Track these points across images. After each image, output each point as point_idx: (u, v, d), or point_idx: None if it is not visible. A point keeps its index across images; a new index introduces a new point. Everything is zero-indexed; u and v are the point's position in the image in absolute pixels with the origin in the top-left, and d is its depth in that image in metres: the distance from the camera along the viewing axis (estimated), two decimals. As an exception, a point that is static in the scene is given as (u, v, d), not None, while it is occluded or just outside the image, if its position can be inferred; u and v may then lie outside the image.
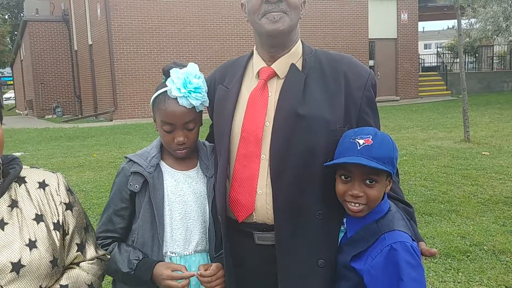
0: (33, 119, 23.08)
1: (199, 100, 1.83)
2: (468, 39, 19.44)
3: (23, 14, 28.60)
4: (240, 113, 1.78)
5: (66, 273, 1.49)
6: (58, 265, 1.43)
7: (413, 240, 1.60)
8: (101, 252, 1.64)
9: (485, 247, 4.48)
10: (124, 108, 17.57)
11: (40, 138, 13.61)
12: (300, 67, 1.76)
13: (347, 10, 20.86)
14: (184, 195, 1.87)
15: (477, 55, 29.65)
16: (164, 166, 1.90)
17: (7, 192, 1.42)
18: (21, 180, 1.47)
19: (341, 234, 1.72)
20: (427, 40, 55.04)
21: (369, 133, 1.62)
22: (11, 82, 37.27)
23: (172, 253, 1.85)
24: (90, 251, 1.57)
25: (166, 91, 1.83)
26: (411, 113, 16.42)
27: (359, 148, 1.58)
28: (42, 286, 1.38)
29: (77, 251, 1.53)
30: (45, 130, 15.70)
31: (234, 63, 1.93)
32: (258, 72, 1.80)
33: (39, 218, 1.43)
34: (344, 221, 1.71)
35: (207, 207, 1.89)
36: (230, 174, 1.78)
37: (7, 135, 13.56)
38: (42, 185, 1.49)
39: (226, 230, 1.78)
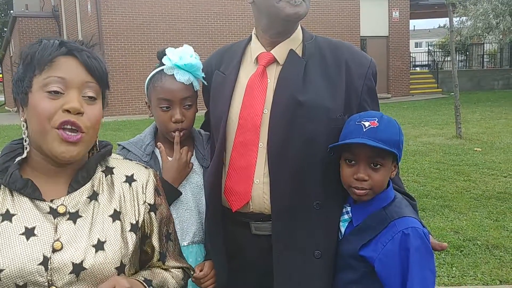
0: (22, 116, 22.75)
1: (197, 76, 1.82)
2: (459, 37, 19.52)
3: (13, 11, 28.31)
4: (237, 99, 1.72)
5: (151, 270, 1.36)
6: (126, 273, 1.25)
7: (423, 226, 1.57)
8: (184, 263, 1.48)
9: (478, 242, 4.49)
10: (115, 105, 17.42)
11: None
12: (300, 53, 1.71)
13: (339, 8, 20.85)
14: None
15: (467, 53, 29.79)
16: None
17: (90, 181, 1.28)
18: (109, 171, 1.33)
19: (345, 224, 1.68)
20: (418, 38, 55.31)
21: (375, 116, 1.60)
22: None
23: None
24: (171, 262, 1.42)
25: (162, 69, 1.81)
26: (402, 110, 16.45)
27: (364, 130, 1.55)
28: None
29: (158, 260, 1.38)
30: (34, 127, 15.48)
31: (231, 48, 1.87)
32: (257, 57, 1.75)
33: (116, 216, 1.27)
34: (349, 210, 1.67)
35: (203, 198, 1.85)
36: (227, 162, 1.73)
37: (-4, 132, 13.44)
38: (129, 179, 1.34)
39: (221, 220, 1.74)
